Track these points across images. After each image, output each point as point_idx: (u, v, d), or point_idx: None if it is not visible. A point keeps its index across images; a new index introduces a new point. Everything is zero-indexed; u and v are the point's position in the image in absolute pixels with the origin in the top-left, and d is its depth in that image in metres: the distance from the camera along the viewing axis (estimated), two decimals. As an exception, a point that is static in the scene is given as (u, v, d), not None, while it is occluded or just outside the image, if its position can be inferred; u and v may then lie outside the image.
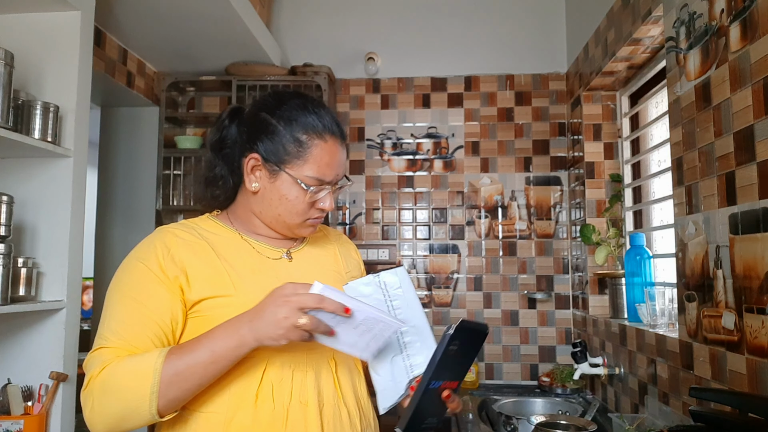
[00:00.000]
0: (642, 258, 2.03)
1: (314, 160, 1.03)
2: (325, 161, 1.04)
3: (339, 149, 1.06)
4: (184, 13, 2.25)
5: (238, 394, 0.96)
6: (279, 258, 1.09)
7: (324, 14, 2.97)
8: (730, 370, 1.31)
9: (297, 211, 1.05)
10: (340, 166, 1.07)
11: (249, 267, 1.04)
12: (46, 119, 1.61)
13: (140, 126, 2.85)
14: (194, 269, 0.99)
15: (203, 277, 0.99)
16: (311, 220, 1.08)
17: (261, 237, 1.11)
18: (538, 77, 2.88)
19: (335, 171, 1.06)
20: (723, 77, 1.35)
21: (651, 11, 1.79)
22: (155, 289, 0.97)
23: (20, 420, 1.56)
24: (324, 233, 1.25)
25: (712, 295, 1.40)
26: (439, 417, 0.97)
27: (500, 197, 2.84)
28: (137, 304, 0.95)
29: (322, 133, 1.04)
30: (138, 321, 0.94)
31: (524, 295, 2.78)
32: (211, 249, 1.03)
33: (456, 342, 0.89)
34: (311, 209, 1.06)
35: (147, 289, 0.96)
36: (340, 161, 1.07)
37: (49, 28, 1.73)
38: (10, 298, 1.52)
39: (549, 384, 2.49)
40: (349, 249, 1.27)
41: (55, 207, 1.70)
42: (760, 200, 1.20)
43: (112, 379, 0.88)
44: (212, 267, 1.00)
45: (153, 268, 0.98)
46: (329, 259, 1.18)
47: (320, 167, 1.04)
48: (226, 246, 1.06)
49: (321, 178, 1.04)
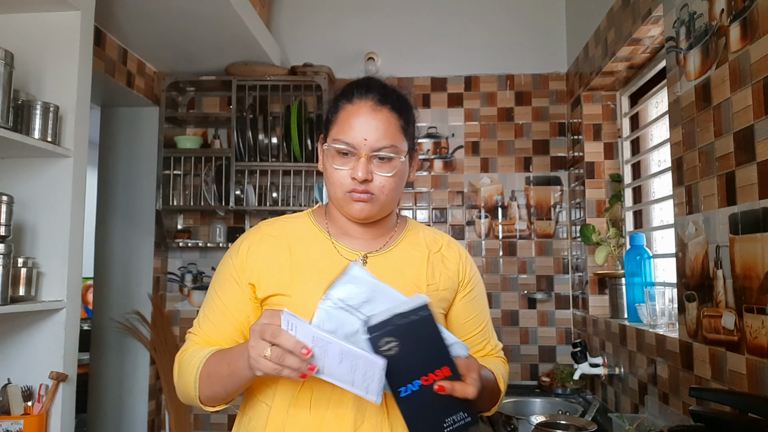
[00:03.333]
0: (642, 258, 2.03)
1: (340, 122, 1.01)
2: (349, 122, 0.99)
3: (369, 112, 1.00)
4: (184, 13, 2.25)
5: (283, 393, 0.99)
6: (354, 260, 1.04)
7: (324, 14, 2.97)
8: (730, 370, 1.31)
9: (334, 180, 1.01)
10: (371, 131, 0.99)
11: (318, 268, 1.03)
12: (46, 119, 1.61)
13: (140, 126, 2.85)
14: (266, 271, 1.03)
15: (271, 277, 1.02)
16: (350, 194, 1.00)
17: (347, 237, 1.08)
18: (538, 77, 2.87)
19: (362, 134, 0.98)
20: (723, 77, 1.35)
21: (651, 11, 1.79)
22: (233, 288, 1.04)
23: (20, 420, 1.56)
24: (416, 237, 1.13)
25: (712, 295, 1.40)
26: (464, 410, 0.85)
27: (500, 197, 2.84)
28: (220, 302, 1.04)
29: (350, 97, 1.02)
30: (217, 317, 1.04)
31: (524, 295, 2.78)
32: (288, 248, 1.05)
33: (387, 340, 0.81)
34: (347, 180, 1.00)
35: (227, 287, 1.05)
36: (372, 125, 0.99)
37: (49, 28, 1.73)
38: (10, 298, 1.52)
39: (549, 384, 2.49)
40: (447, 258, 1.12)
41: (55, 207, 1.70)
42: (760, 200, 1.20)
43: (182, 365, 1.02)
44: (281, 266, 1.03)
45: (235, 266, 1.05)
46: (411, 268, 1.08)
47: (344, 128, 1.00)
48: (306, 244, 1.06)
49: (344, 139, 0.99)
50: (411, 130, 1.07)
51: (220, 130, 2.97)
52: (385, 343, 0.81)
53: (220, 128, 2.97)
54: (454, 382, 0.84)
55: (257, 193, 2.78)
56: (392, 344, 0.81)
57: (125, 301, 2.76)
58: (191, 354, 1.02)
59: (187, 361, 1.01)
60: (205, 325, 1.05)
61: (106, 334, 2.76)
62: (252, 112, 2.74)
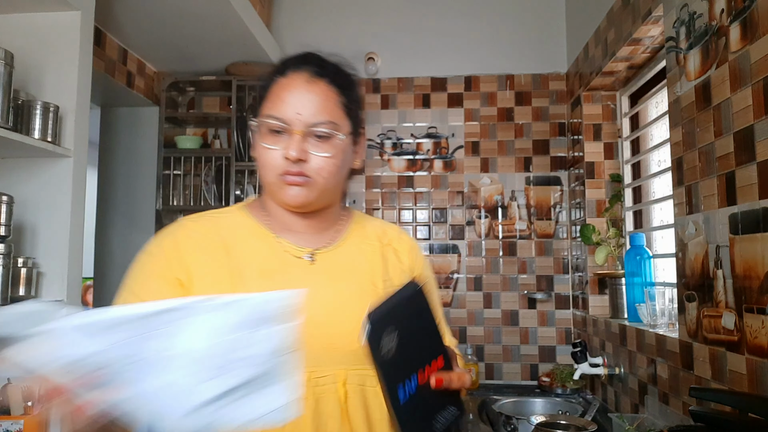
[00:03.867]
0: (642, 258, 2.03)
1: (272, 96, 0.91)
2: (281, 96, 0.89)
3: (304, 84, 0.90)
4: (184, 13, 2.25)
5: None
6: (299, 258, 0.93)
7: (324, 14, 2.97)
8: (730, 370, 1.31)
9: (264, 162, 0.90)
10: (306, 105, 0.88)
11: (260, 268, 0.91)
12: (46, 119, 1.61)
13: (140, 126, 2.85)
14: (200, 270, 0.89)
15: (207, 280, 0.88)
16: (283, 176, 0.89)
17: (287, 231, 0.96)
18: (538, 77, 2.87)
19: (295, 108, 0.88)
20: (723, 77, 1.35)
21: (651, 11, 1.79)
22: (156, 285, 0.88)
23: (20, 420, 1.56)
24: (364, 230, 1.03)
25: (712, 295, 1.40)
26: (453, 404, 0.76)
27: (500, 197, 2.84)
28: (136, 299, 0.86)
29: (283, 70, 0.92)
30: None
31: (524, 295, 2.78)
32: (223, 247, 0.91)
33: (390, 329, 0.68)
34: (279, 160, 0.88)
35: (148, 284, 0.89)
36: (306, 99, 0.88)
37: (49, 28, 1.73)
38: (10, 298, 1.52)
39: (549, 384, 2.49)
40: (399, 251, 1.04)
41: (55, 207, 1.70)
42: (760, 200, 1.20)
43: None
44: (218, 268, 0.89)
45: (160, 263, 0.90)
46: (364, 264, 0.98)
47: (275, 103, 0.89)
48: (245, 242, 0.93)
49: (275, 114, 0.88)
50: (355, 109, 0.96)
51: (220, 130, 2.97)
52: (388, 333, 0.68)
53: (220, 128, 2.97)
54: (450, 372, 0.75)
55: (257, 193, 2.77)
56: (393, 335, 0.68)
57: (125, 301, 2.75)
58: None
59: None
60: None
61: (106, 334, 2.75)
62: (252, 112, 2.73)
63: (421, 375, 0.71)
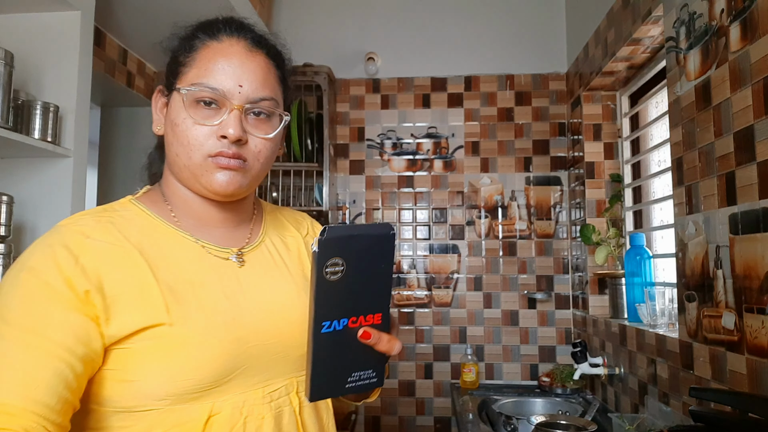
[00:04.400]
0: (642, 258, 2.03)
1: (201, 63, 0.77)
2: (216, 62, 0.76)
3: (244, 53, 0.78)
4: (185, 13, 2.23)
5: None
6: (227, 259, 0.81)
7: (324, 14, 2.97)
8: (730, 370, 1.31)
9: (189, 140, 0.74)
10: (248, 77, 0.76)
11: (188, 277, 0.75)
12: (46, 119, 1.61)
13: (140, 126, 2.85)
14: (113, 286, 0.69)
15: (128, 299, 0.69)
16: (214, 158, 0.75)
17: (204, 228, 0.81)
18: (538, 77, 2.88)
19: (235, 79, 0.75)
20: (723, 77, 1.35)
21: (651, 11, 1.79)
22: (56, 311, 0.66)
23: (20, 420, 1.56)
24: (279, 221, 0.94)
25: (712, 295, 1.40)
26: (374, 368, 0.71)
27: (500, 197, 2.84)
28: (32, 337, 0.64)
29: (216, 33, 0.80)
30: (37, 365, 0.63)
31: (524, 295, 2.78)
32: (139, 254, 0.73)
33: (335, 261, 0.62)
34: (210, 139, 0.75)
35: (43, 313, 0.65)
36: (247, 68, 0.77)
37: (49, 28, 1.73)
38: (10, 298, 1.52)
39: (549, 384, 2.49)
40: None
41: (55, 207, 1.70)
42: (760, 200, 1.20)
43: None
44: (139, 283, 0.71)
45: (51, 281, 0.67)
46: (294, 259, 0.88)
47: (209, 71, 0.76)
48: (157, 246, 0.76)
49: (210, 84, 0.75)
50: (288, 86, 0.85)
51: (220, 130, 2.96)
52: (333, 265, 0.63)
53: (220, 128, 2.96)
54: (381, 333, 0.70)
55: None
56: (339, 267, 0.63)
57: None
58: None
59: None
60: (19, 385, 0.61)
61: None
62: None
63: (352, 322, 0.67)
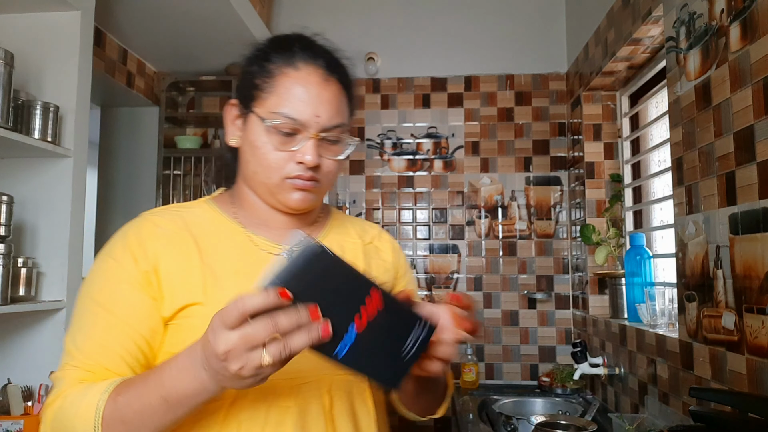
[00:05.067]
0: (642, 258, 2.03)
1: (280, 92, 0.81)
2: (295, 93, 0.81)
3: (320, 83, 0.82)
4: (184, 13, 2.25)
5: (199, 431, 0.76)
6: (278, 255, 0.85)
7: (324, 14, 2.97)
8: (730, 370, 1.31)
9: (269, 163, 0.81)
10: (324, 107, 0.81)
11: (233, 267, 0.82)
12: (46, 119, 1.61)
13: (140, 126, 2.85)
14: (167, 267, 0.79)
15: (176, 280, 0.79)
16: (292, 180, 0.82)
17: (263, 227, 0.88)
18: (538, 77, 2.87)
19: (314, 109, 0.80)
20: (723, 77, 1.35)
21: (651, 11, 1.79)
22: (127, 291, 0.78)
23: (20, 420, 1.56)
24: (344, 227, 0.98)
25: (712, 295, 1.40)
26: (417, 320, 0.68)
27: (500, 197, 2.84)
28: (108, 314, 0.77)
29: (292, 60, 0.83)
30: (109, 335, 0.76)
31: (524, 295, 2.78)
32: (194, 242, 0.82)
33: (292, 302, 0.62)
34: (289, 163, 0.81)
35: (117, 292, 0.78)
36: (323, 99, 0.82)
37: (49, 28, 1.73)
38: (10, 298, 1.52)
39: (549, 384, 2.49)
40: (381, 249, 0.99)
41: (55, 207, 1.70)
42: (760, 200, 1.20)
43: (63, 416, 0.72)
44: (187, 266, 0.80)
45: (124, 263, 0.79)
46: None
47: (289, 100, 0.80)
48: (215, 238, 0.84)
49: (289, 114, 0.80)
50: (353, 106, 0.90)
51: (220, 130, 2.96)
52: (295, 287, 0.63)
53: (220, 128, 2.94)
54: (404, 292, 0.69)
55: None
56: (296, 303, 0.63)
57: (125, 301, 2.75)
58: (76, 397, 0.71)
59: (70, 409, 0.71)
60: (92, 350, 0.75)
61: (106, 334, 2.75)
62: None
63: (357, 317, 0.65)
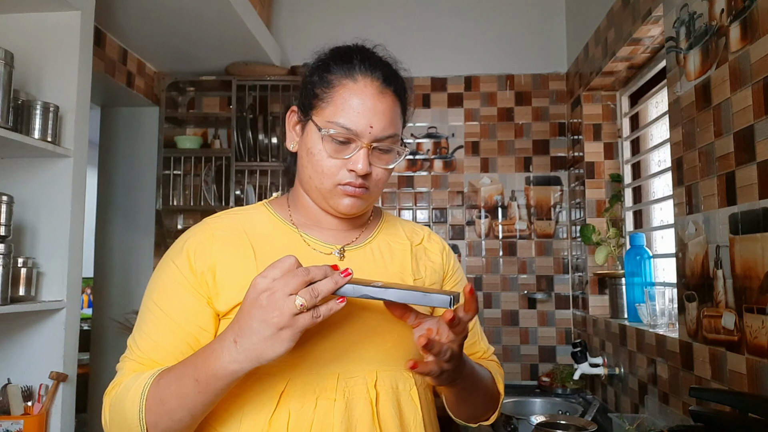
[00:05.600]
0: (642, 258, 2.03)
1: (338, 102, 0.85)
2: (351, 105, 0.84)
3: (377, 95, 0.85)
4: (184, 13, 2.25)
5: (250, 420, 0.81)
6: (329, 254, 0.91)
7: (324, 14, 2.97)
8: (730, 370, 1.31)
9: (323, 169, 0.86)
10: (378, 118, 0.85)
11: None
12: (46, 119, 1.61)
13: (140, 126, 2.85)
14: (223, 267, 0.85)
15: (232, 278, 0.84)
16: (343, 186, 0.86)
17: (316, 228, 0.93)
18: (538, 77, 2.87)
19: (368, 120, 0.84)
20: (723, 77, 1.35)
21: (651, 11, 1.79)
22: (182, 295, 0.84)
23: (20, 420, 1.56)
24: (394, 228, 1.01)
25: (712, 295, 1.40)
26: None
27: (500, 197, 2.84)
28: (162, 314, 0.84)
29: (351, 72, 0.86)
30: (161, 335, 0.83)
31: (524, 295, 2.78)
32: (249, 244, 0.87)
33: None
34: (342, 171, 0.85)
35: (173, 296, 0.84)
36: (377, 110, 0.85)
37: (49, 28, 1.73)
38: (10, 298, 1.52)
39: (549, 384, 2.49)
40: (430, 250, 1.02)
41: (55, 207, 1.70)
42: (760, 200, 1.20)
43: (117, 400, 0.80)
44: (243, 265, 0.85)
45: (181, 267, 0.85)
46: (395, 262, 0.95)
47: (345, 111, 0.84)
48: (269, 238, 0.90)
49: (345, 124, 0.83)
50: (406, 116, 0.94)
51: (220, 130, 2.97)
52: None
53: (220, 128, 2.97)
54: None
55: (257, 193, 2.78)
56: None
57: (125, 301, 2.76)
58: (128, 384, 0.80)
59: (123, 393, 0.79)
60: (146, 346, 0.84)
61: (106, 334, 2.75)
62: (252, 112, 2.74)
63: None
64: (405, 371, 0.87)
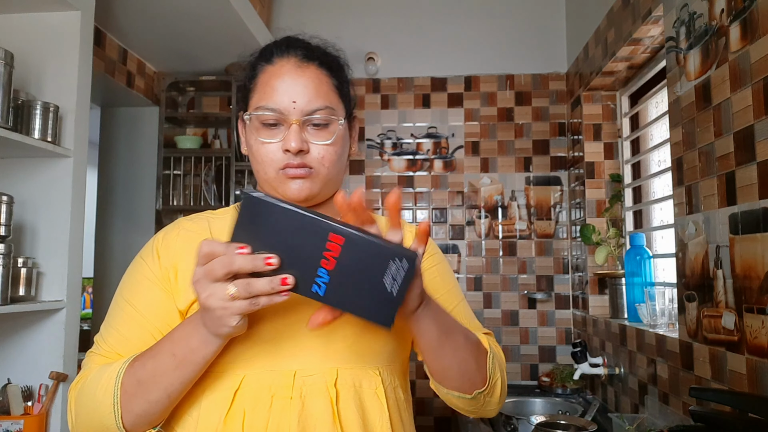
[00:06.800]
0: (642, 258, 2.03)
1: (260, 87, 0.85)
2: (271, 85, 0.83)
3: (294, 69, 0.84)
4: (184, 13, 2.25)
5: (206, 419, 0.79)
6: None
7: (324, 14, 2.97)
8: (730, 370, 1.31)
9: (262, 157, 0.84)
10: (300, 92, 0.83)
11: None
12: (46, 119, 1.61)
13: (140, 126, 2.86)
14: (184, 265, 0.83)
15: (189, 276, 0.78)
16: (285, 171, 0.83)
17: None
18: (538, 77, 2.87)
19: (289, 96, 0.82)
20: (723, 77, 1.35)
21: (651, 11, 1.79)
22: (149, 290, 0.84)
23: (20, 420, 1.56)
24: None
25: (712, 295, 1.40)
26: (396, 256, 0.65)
27: (500, 197, 2.84)
28: (131, 309, 0.84)
29: (269, 57, 0.86)
30: (129, 329, 0.83)
31: (524, 295, 2.78)
32: None
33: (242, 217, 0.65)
34: (279, 154, 0.83)
35: (141, 290, 0.84)
36: (299, 85, 0.83)
37: (49, 28, 1.73)
38: (10, 298, 1.52)
39: (549, 384, 2.49)
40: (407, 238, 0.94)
41: (55, 207, 1.70)
42: (760, 200, 1.20)
43: (87, 390, 0.79)
44: None
45: (150, 262, 0.86)
46: None
47: (267, 93, 0.84)
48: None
49: (268, 105, 0.83)
50: (347, 90, 0.91)
51: (220, 130, 2.97)
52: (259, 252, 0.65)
53: (220, 128, 2.97)
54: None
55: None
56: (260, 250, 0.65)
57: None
58: (97, 373, 0.79)
59: (93, 383, 0.78)
60: (114, 340, 0.83)
61: (106, 334, 2.75)
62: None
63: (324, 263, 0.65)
64: (370, 369, 0.83)
